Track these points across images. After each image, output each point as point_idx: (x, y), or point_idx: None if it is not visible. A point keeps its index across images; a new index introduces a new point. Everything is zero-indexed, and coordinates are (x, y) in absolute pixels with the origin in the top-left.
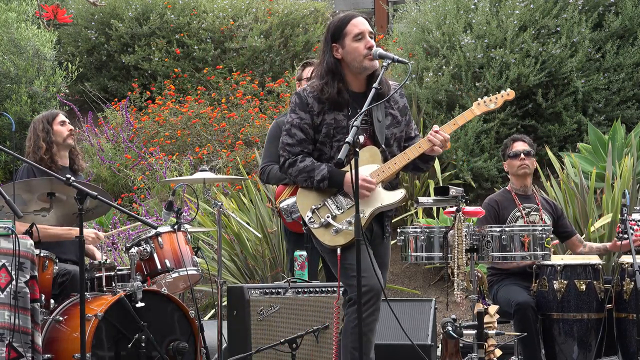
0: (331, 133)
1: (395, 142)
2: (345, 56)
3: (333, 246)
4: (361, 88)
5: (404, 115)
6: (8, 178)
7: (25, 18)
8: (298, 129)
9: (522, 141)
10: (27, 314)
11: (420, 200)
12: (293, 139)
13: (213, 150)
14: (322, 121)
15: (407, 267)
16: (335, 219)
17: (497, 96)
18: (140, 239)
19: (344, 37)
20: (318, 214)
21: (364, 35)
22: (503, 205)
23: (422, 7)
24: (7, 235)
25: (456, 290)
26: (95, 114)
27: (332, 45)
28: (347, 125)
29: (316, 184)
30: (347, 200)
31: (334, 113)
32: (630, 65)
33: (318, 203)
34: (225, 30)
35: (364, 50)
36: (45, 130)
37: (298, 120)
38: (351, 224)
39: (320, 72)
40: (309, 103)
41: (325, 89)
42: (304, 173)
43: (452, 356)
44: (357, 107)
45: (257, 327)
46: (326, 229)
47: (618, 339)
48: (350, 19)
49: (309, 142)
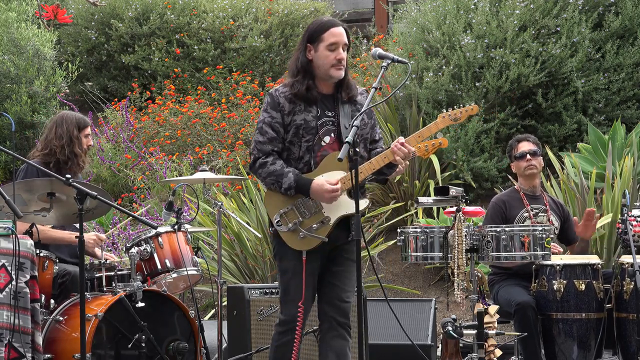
0: (300, 133)
1: (362, 143)
2: (315, 60)
3: (299, 250)
4: (329, 90)
5: (369, 118)
6: (8, 178)
7: (25, 18)
8: (269, 127)
9: (527, 141)
10: (28, 314)
11: (420, 200)
12: (264, 136)
13: (213, 150)
14: (291, 121)
15: (407, 267)
16: (302, 225)
17: (462, 110)
18: (140, 239)
19: (319, 42)
20: (286, 218)
21: (337, 46)
22: (511, 205)
23: (422, 7)
24: (7, 235)
25: (456, 290)
26: (95, 114)
27: (307, 45)
28: (316, 125)
29: (283, 190)
30: (314, 206)
31: (304, 114)
32: (630, 65)
33: (286, 207)
34: (225, 30)
35: (334, 60)
36: (77, 138)
37: (269, 118)
38: (317, 229)
39: (293, 69)
40: (280, 103)
41: (296, 85)
42: (273, 177)
43: (452, 356)
44: (325, 108)
45: (257, 327)
46: (293, 233)
47: (618, 339)
48: (329, 27)
49: (279, 140)
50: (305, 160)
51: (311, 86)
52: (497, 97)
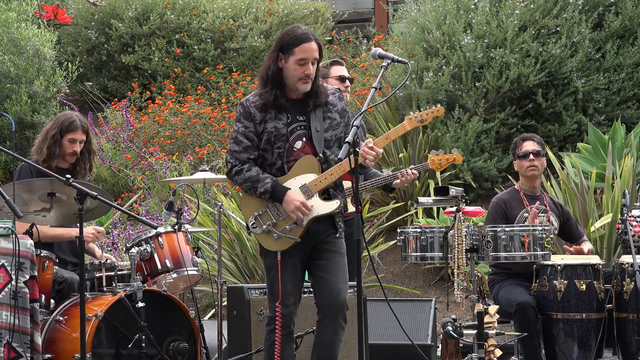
0: (272, 140)
1: (336, 142)
2: (285, 70)
3: (274, 251)
4: (299, 95)
5: (342, 117)
6: (8, 178)
7: (25, 18)
8: (243, 137)
9: (531, 140)
10: (27, 314)
11: (420, 200)
12: (239, 146)
13: (213, 150)
14: (263, 129)
15: (407, 267)
16: (276, 226)
17: (428, 112)
18: (141, 239)
19: (290, 54)
20: (260, 220)
21: (307, 62)
22: (511, 205)
23: (422, 7)
24: (7, 235)
25: (456, 290)
26: (95, 114)
27: (278, 54)
28: (287, 132)
29: (258, 195)
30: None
31: (274, 121)
32: (630, 65)
33: (260, 209)
34: (225, 30)
35: (302, 74)
36: (54, 137)
37: (243, 128)
38: (290, 231)
39: (264, 78)
40: (251, 112)
41: (264, 95)
42: (249, 182)
43: (452, 356)
44: (295, 113)
45: (257, 327)
46: (268, 235)
47: (618, 339)
48: (302, 41)
49: (254, 148)
50: (278, 166)
51: (279, 95)
52: (497, 97)
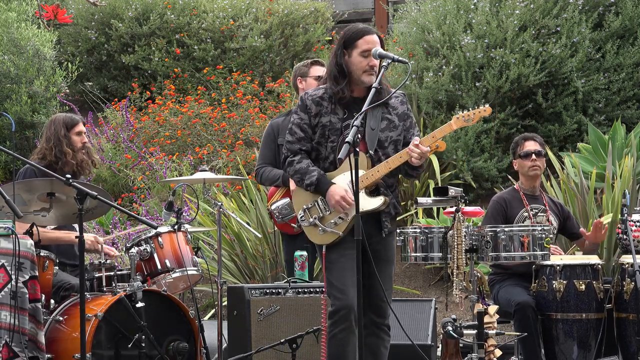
0: (326, 134)
1: (392, 144)
2: (349, 65)
3: (320, 244)
4: (361, 94)
5: (402, 121)
6: (8, 178)
7: (25, 18)
8: (298, 128)
9: (533, 140)
10: (25, 315)
11: (420, 200)
12: (293, 137)
13: (213, 150)
14: (318, 123)
15: (407, 267)
16: (322, 220)
17: (475, 111)
18: (141, 239)
19: (353, 48)
20: (309, 213)
21: (370, 52)
22: (511, 205)
23: (422, 7)
24: (7, 235)
25: (456, 290)
26: (95, 114)
27: (342, 51)
28: (341, 127)
29: (305, 187)
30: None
31: (330, 115)
32: (631, 65)
33: (309, 203)
34: (225, 30)
35: (366, 66)
36: (66, 136)
37: (299, 120)
38: (336, 225)
39: (329, 72)
40: (307, 105)
41: (326, 89)
42: (298, 174)
43: (452, 356)
44: (353, 110)
45: (257, 327)
46: (315, 228)
47: (618, 339)
48: (364, 34)
49: (308, 140)
50: (331, 160)
51: (341, 90)
52: (497, 97)
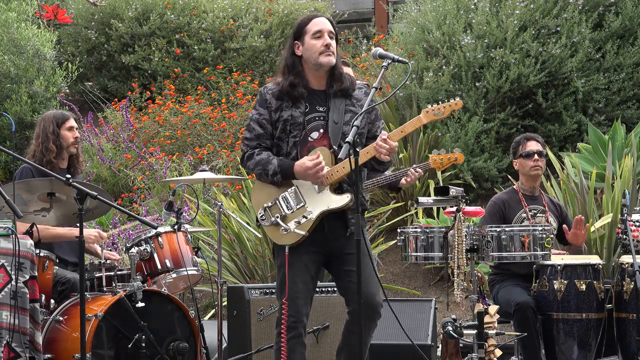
0: (287, 129)
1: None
2: (304, 53)
3: (281, 245)
4: (321, 85)
5: (367, 113)
6: (8, 178)
7: (25, 18)
8: (256, 124)
9: (535, 140)
10: (26, 314)
11: (420, 200)
12: (251, 133)
13: (213, 150)
14: (279, 117)
15: (407, 267)
16: (285, 219)
17: (445, 105)
18: (141, 239)
19: (304, 35)
20: (269, 212)
21: (322, 33)
22: (510, 206)
23: (422, 7)
24: (7, 235)
25: (456, 290)
26: (95, 114)
27: (294, 43)
28: (303, 121)
29: (270, 178)
30: (298, 201)
31: (291, 110)
32: (630, 65)
33: (270, 201)
34: (225, 30)
35: (321, 47)
36: (54, 133)
37: (257, 115)
38: (299, 225)
39: (281, 67)
40: (267, 99)
41: (281, 83)
42: (260, 166)
43: (452, 356)
44: (315, 103)
45: (257, 327)
46: (276, 228)
47: (618, 339)
48: (311, 18)
49: (267, 137)
50: (293, 155)
51: (296, 84)
52: (497, 97)
